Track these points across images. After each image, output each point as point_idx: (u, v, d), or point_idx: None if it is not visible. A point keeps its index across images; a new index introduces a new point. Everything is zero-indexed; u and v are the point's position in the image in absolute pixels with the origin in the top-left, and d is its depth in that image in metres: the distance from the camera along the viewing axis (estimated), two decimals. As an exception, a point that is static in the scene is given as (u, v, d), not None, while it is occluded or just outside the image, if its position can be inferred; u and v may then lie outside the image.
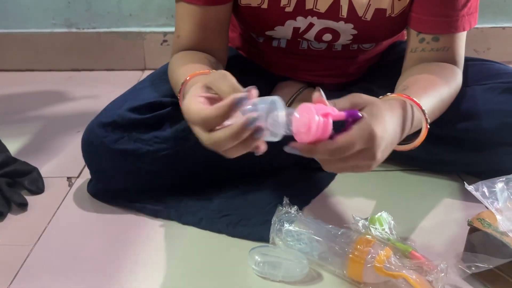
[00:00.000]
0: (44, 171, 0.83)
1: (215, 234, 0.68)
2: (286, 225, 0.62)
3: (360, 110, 0.52)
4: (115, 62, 1.39)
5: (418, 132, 0.59)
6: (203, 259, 0.64)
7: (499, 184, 0.60)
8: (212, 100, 0.50)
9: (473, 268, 0.56)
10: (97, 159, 0.72)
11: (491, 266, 0.55)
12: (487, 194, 0.59)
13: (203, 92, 0.51)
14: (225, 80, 0.49)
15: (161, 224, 0.71)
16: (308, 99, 0.85)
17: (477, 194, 0.59)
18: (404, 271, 0.53)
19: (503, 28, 1.39)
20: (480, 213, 0.60)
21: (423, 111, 0.57)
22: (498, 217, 0.57)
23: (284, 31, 0.76)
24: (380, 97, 0.59)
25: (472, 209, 0.72)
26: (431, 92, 0.63)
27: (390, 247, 0.58)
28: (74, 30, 1.37)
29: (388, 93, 0.59)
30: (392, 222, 0.64)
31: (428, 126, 0.58)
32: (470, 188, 0.59)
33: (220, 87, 0.49)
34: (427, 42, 0.69)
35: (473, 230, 0.59)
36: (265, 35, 0.78)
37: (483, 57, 0.86)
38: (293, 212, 0.63)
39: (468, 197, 0.76)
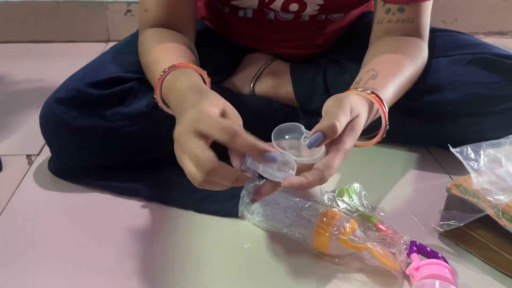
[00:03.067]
0: (1, 148, 0.80)
1: (182, 211, 0.67)
2: (255, 199, 0.62)
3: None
4: (77, 33, 1.33)
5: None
6: (168, 236, 0.63)
7: (482, 148, 0.62)
8: None
9: (444, 226, 0.58)
10: (57, 137, 0.69)
11: (460, 224, 0.57)
12: (472, 156, 0.61)
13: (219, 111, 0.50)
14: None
15: (126, 202, 0.69)
16: (276, 71, 0.85)
17: (459, 156, 0.60)
18: (368, 243, 0.54)
19: (471, -2, 1.40)
20: (457, 179, 0.61)
21: (384, 113, 0.57)
22: (473, 175, 0.59)
23: (250, 0, 0.73)
24: (350, 89, 0.59)
25: (439, 179, 0.74)
26: (397, 77, 0.63)
27: (356, 219, 0.58)
28: (31, -1, 1.30)
29: (359, 88, 0.58)
30: (364, 192, 0.64)
31: (387, 126, 0.58)
32: (454, 150, 0.60)
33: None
34: (392, 13, 0.69)
35: (451, 196, 0.61)
36: (230, 5, 0.76)
37: (450, 28, 0.86)
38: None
39: (435, 167, 0.78)
